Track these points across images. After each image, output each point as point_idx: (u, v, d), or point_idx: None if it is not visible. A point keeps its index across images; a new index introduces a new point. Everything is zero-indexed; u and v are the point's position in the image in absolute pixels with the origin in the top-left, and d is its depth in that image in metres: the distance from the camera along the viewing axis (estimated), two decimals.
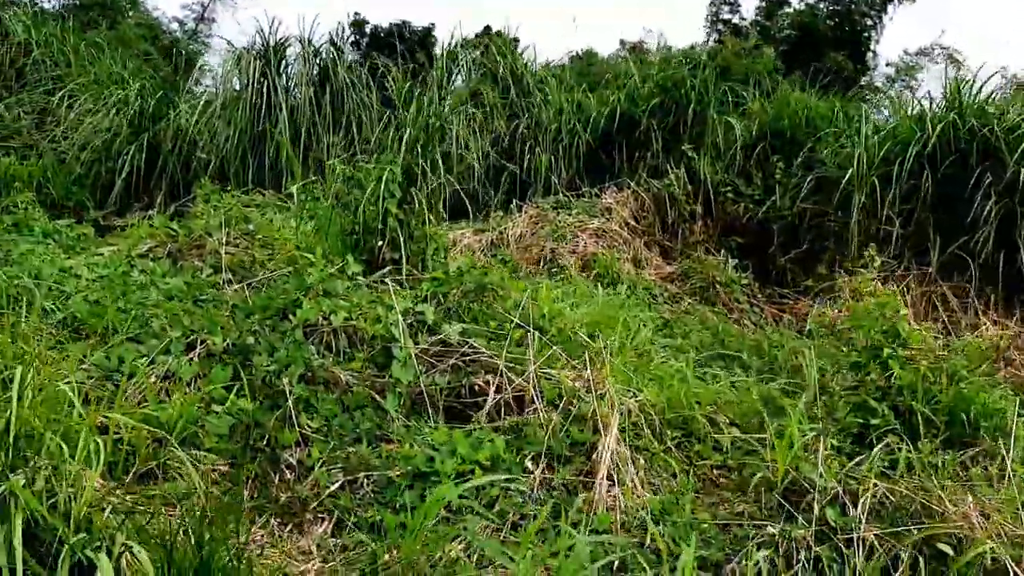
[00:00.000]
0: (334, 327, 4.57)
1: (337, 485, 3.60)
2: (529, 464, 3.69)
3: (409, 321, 4.73)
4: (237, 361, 4.26)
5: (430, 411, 4.25)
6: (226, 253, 5.82)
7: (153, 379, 4.07)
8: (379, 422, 4.09)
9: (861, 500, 3.83)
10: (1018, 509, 3.68)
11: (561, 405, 3.96)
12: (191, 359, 4.28)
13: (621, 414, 3.90)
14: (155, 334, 4.40)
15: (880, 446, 4.37)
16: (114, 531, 2.38)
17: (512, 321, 4.67)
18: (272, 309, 4.70)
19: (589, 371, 4.01)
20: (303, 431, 3.94)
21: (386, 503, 3.50)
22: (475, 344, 4.54)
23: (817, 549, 3.60)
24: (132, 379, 3.93)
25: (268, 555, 3.13)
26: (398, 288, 5.07)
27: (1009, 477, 3.98)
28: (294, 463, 3.77)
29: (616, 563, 3.25)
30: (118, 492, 2.95)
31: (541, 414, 3.91)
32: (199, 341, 4.38)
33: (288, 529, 3.42)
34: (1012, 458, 4.14)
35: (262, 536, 3.24)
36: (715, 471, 4.38)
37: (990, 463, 4.54)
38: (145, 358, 4.14)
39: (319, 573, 2.81)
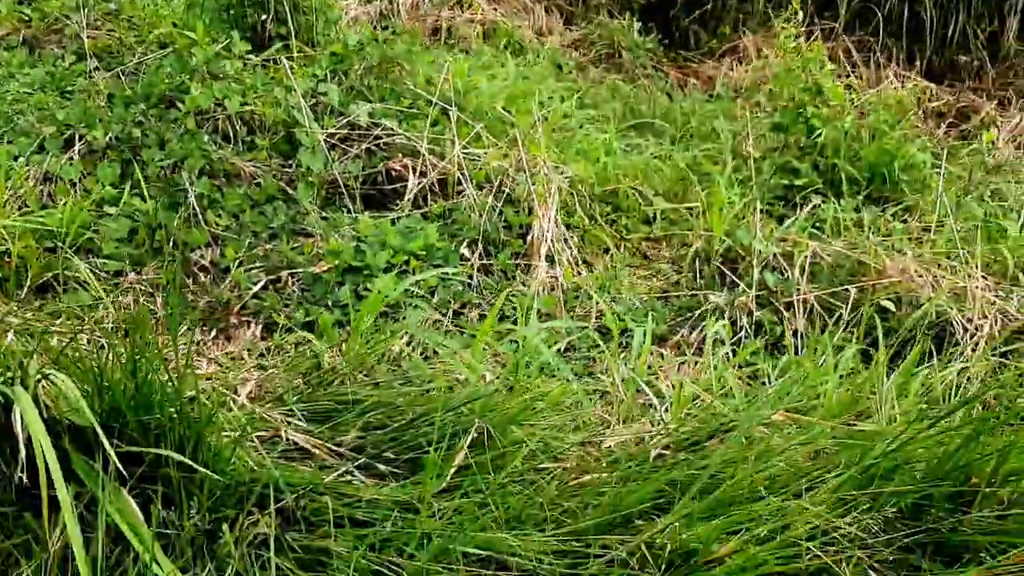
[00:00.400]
0: (229, 114, 4.12)
1: (260, 285, 3.33)
2: (465, 251, 3.48)
3: (311, 103, 4.32)
4: (124, 157, 3.84)
5: (347, 201, 3.96)
6: (89, 37, 5.17)
7: (32, 182, 3.63)
8: (294, 216, 3.77)
9: (797, 262, 3.80)
10: (951, 261, 3.72)
11: (493, 187, 3.72)
12: (71, 158, 3.82)
13: (555, 192, 3.68)
14: (24, 131, 3.90)
15: (809, 207, 4.33)
16: (24, 358, 2.08)
17: (426, 99, 4.31)
18: (155, 97, 4.21)
19: (521, 149, 3.74)
20: (212, 230, 3.60)
21: (317, 301, 3.26)
22: (388, 125, 4.20)
23: (759, 314, 3.58)
24: (8, 183, 3.49)
25: (197, 365, 2.89)
26: (294, 67, 4.60)
27: (944, 229, 3.99)
28: (207, 265, 3.47)
29: (564, 345, 3.15)
30: (18, 312, 2.62)
31: (472, 198, 3.66)
32: (77, 137, 3.90)
33: (213, 335, 3.17)
34: (940, 210, 4.16)
35: (186, 345, 2.97)
36: (645, 244, 4.29)
37: (910, 216, 4.58)
38: (20, 159, 3.68)
39: (261, 382, 2.59)
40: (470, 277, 3.41)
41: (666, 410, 2.54)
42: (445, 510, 1.80)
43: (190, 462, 1.80)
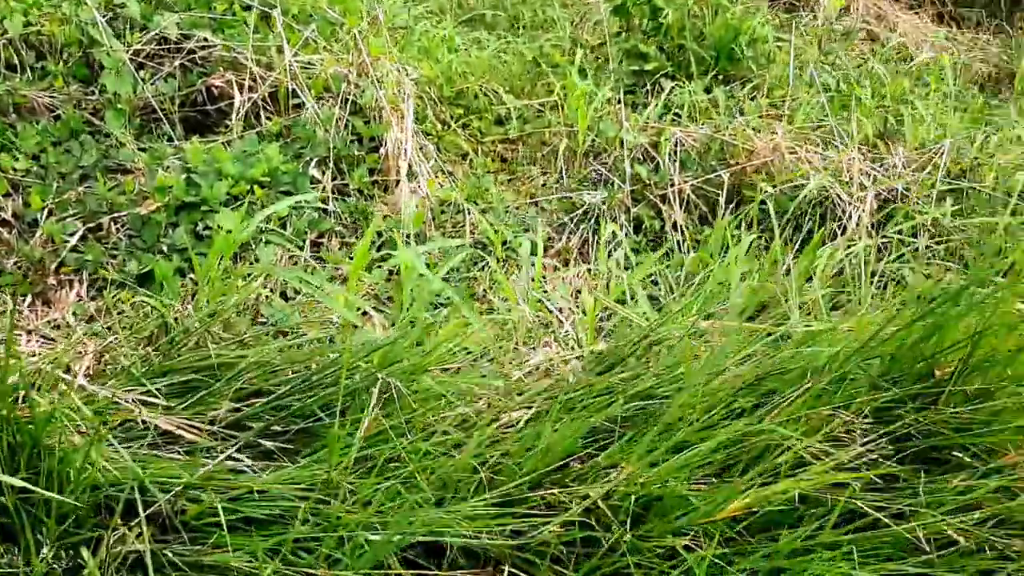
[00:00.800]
0: (11, 37, 3.50)
1: (77, 236, 2.85)
2: (315, 172, 3.08)
3: (108, 17, 3.73)
4: None
5: (166, 127, 3.46)
6: None
7: None
8: (106, 150, 3.26)
9: (664, 151, 3.62)
10: (819, 134, 3.62)
11: (336, 97, 3.31)
12: None
13: (409, 97, 3.32)
14: None
15: (666, 93, 4.13)
16: None
17: (242, 3, 3.79)
18: None
19: (363, 50, 3.33)
20: (9, 176, 3.06)
21: (149, 248, 2.82)
22: (202, 36, 3.68)
23: (636, 210, 3.39)
24: None
25: (15, 342, 2.42)
26: None
27: (801, 102, 3.88)
28: (10, 219, 2.94)
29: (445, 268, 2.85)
30: None
31: (313, 111, 3.25)
32: None
33: (28, 302, 2.69)
34: (794, 84, 4.05)
35: (3, 318, 2.50)
36: (502, 146, 4.00)
37: (758, 93, 4.48)
38: None
39: (98, 354, 2.17)
40: (324, 202, 3.04)
41: (572, 326, 2.31)
42: (360, 490, 1.50)
43: (24, 483, 1.42)
